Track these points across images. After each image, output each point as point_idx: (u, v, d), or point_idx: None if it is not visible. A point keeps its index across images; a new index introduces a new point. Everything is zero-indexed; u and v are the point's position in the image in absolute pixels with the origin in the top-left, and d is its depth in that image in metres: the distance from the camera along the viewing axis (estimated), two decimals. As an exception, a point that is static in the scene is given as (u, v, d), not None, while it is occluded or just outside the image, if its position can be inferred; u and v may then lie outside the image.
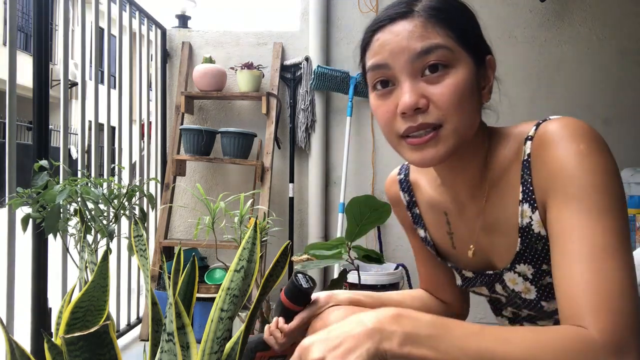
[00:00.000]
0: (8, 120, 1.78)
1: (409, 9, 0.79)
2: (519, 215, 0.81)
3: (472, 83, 0.79)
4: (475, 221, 0.89)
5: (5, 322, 1.59)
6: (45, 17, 1.97)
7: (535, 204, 0.78)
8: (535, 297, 0.85)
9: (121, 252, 2.60)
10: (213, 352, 0.89)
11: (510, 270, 0.86)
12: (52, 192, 1.63)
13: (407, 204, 1.05)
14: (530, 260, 0.82)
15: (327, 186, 3.10)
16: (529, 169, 0.79)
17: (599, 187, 0.69)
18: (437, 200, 0.97)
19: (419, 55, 0.76)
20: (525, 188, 0.79)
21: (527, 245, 0.81)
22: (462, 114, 0.77)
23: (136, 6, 2.76)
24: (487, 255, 0.91)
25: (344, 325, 0.64)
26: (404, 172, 1.06)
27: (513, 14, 3.02)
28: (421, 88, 0.77)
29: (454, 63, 0.77)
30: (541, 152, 0.76)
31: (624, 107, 2.96)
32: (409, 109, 0.76)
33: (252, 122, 3.07)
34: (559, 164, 0.72)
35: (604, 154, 0.71)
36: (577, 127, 0.73)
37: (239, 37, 3.14)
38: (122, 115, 2.61)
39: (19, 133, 11.84)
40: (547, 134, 0.76)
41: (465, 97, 0.77)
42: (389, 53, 0.78)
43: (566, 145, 0.72)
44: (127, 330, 2.69)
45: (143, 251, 0.93)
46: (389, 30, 0.79)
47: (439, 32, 0.77)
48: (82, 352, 0.76)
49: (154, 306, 0.91)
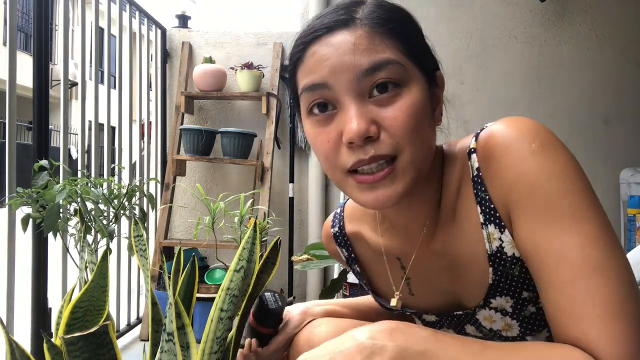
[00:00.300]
0: (8, 120, 1.78)
1: (349, 17, 0.66)
2: (485, 240, 0.69)
3: (427, 103, 0.67)
4: (435, 260, 0.77)
5: (5, 322, 1.59)
6: (45, 17, 1.97)
7: (502, 223, 0.67)
8: (518, 333, 0.73)
9: (121, 252, 2.60)
10: (213, 352, 0.89)
11: (485, 307, 0.73)
12: (52, 192, 1.63)
13: (347, 260, 0.93)
14: (507, 290, 0.70)
15: (327, 186, 3.10)
16: (482, 184, 0.68)
17: (564, 190, 0.61)
18: (386, 246, 0.83)
19: (366, 72, 0.63)
20: (485, 207, 0.68)
21: (502, 274, 0.69)
22: (419, 141, 0.65)
23: (136, 6, 2.76)
24: (453, 295, 0.78)
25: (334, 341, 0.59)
26: (338, 225, 0.92)
27: (513, 14, 3.02)
28: (370, 112, 0.64)
29: (406, 81, 0.65)
30: (491, 163, 0.66)
31: (624, 107, 2.96)
32: (359, 138, 0.63)
33: (252, 122, 3.07)
34: (515, 172, 0.63)
35: (560, 150, 0.63)
36: (521, 126, 0.65)
37: (239, 37, 3.15)
38: (122, 115, 2.61)
39: (19, 133, 11.85)
40: (491, 140, 0.66)
41: (421, 121, 0.65)
42: (329, 70, 0.64)
43: (516, 147, 0.63)
44: (127, 330, 2.69)
45: (143, 251, 0.93)
46: (327, 42, 0.65)
47: (387, 45, 0.65)
48: (82, 352, 0.76)
49: (154, 306, 0.91)
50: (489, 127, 0.68)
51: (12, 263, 1.79)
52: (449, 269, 0.76)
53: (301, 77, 0.69)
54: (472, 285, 0.74)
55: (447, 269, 0.77)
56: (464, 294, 0.77)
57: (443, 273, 0.77)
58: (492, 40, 3.01)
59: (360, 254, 0.91)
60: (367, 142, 0.64)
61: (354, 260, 0.92)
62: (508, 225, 0.67)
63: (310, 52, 0.67)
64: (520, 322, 0.72)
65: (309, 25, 0.69)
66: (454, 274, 0.76)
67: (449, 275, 0.77)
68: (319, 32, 0.67)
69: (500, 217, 0.67)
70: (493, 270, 0.70)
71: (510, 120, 0.66)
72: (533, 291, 0.69)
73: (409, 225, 0.77)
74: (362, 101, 0.64)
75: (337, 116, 0.66)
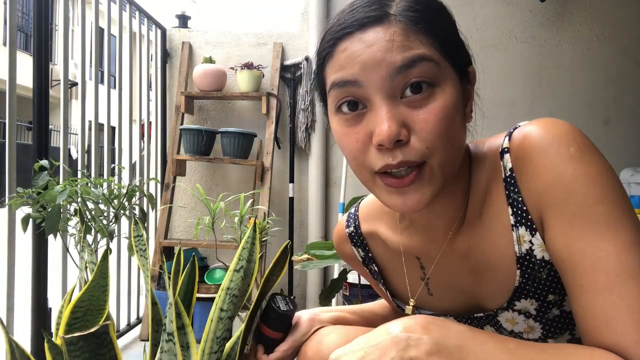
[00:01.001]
0: (8, 120, 1.78)
1: (383, 12, 0.63)
2: (515, 243, 0.68)
3: (459, 103, 0.65)
4: (458, 261, 0.75)
5: (5, 322, 1.59)
6: (45, 17, 1.97)
7: (534, 225, 0.66)
8: (540, 336, 0.72)
9: (121, 252, 2.60)
10: (213, 352, 0.89)
11: (508, 309, 0.72)
12: (52, 192, 1.63)
13: (363, 260, 0.90)
14: (533, 293, 0.69)
15: (327, 186, 3.10)
16: (515, 185, 0.66)
17: (600, 196, 0.60)
18: (405, 245, 0.81)
19: (400, 70, 0.61)
20: (517, 209, 0.67)
21: (529, 277, 0.68)
22: (449, 145, 0.63)
23: (136, 6, 2.76)
24: (474, 297, 0.77)
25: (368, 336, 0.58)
26: (354, 224, 0.90)
27: (513, 14, 3.02)
28: (402, 113, 0.62)
29: (439, 80, 0.63)
30: (526, 164, 0.65)
31: (624, 107, 2.96)
32: (389, 141, 0.61)
33: (252, 122, 3.07)
34: (551, 175, 0.62)
35: (596, 154, 0.63)
36: (558, 128, 0.63)
37: (239, 37, 3.15)
38: (122, 115, 2.61)
39: (19, 133, 11.84)
40: (527, 142, 0.65)
41: (452, 123, 0.63)
42: (360, 67, 0.62)
43: (555, 150, 0.62)
44: (127, 330, 2.69)
45: (143, 251, 0.93)
46: (359, 39, 0.62)
47: (422, 42, 0.62)
48: (82, 352, 0.76)
49: (154, 306, 0.91)
50: (523, 128, 0.67)
51: (12, 263, 1.79)
52: (471, 270, 0.75)
53: (330, 73, 0.66)
54: (496, 287, 0.73)
55: (470, 270, 0.75)
56: (486, 296, 0.75)
57: (465, 273, 0.76)
58: (492, 40, 3.01)
59: (376, 254, 0.89)
60: (397, 146, 0.62)
61: (371, 259, 0.90)
62: (539, 228, 0.66)
63: (341, 47, 0.64)
64: (544, 325, 0.71)
65: (339, 20, 0.66)
66: (476, 275, 0.75)
67: (471, 276, 0.75)
68: (351, 29, 0.64)
69: (532, 220, 0.66)
70: (520, 273, 0.68)
71: (547, 122, 0.65)
72: (559, 294, 0.69)
73: (432, 225, 0.76)
74: (393, 101, 0.62)
75: (366, 116, 0.64)
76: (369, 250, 0.89)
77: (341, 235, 0.93)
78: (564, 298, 0.69)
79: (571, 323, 0.71)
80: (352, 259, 0.93)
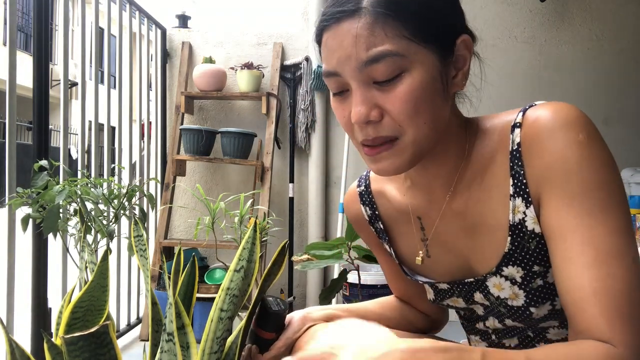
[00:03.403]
0: (8, 120, 1.78)
1: (355, 7, 0.68)
2: (510, 211, 0.73)
3: (433, 81, 0.69)
4: (455, 221, 0.81)
5: (5, 322, 1.59)
6: (45, 17, 1.97)
7: (530, 198, 0.71)
8: (523, 303, 0.76)
9: (121, 252, 2.60)
10: (213, 352, 0.89)
11: (496, 274, 0.77)
12: (51, 193, 1.63)
13: (369, 219, 0.95)
14: (520, 261, 0.74)
15: (327, 186, 3.10)
16: (519, 159, 0.71)
17: (601, 182, 0.65)
18: (408, 204, 0.87)
19: (366, 64, 0.67)
20: (517, 181, 0.72)
21: (518, 245, 0.73)
22: (421, 122, 0.69)
23: (136, 6, 2.76)
24: (467, 259, 0.82)
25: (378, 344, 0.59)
26: (364, 184, 0.96)
27: (513, 14, 3.02)
28: (374, 97, 0.69)
29: (407, 66, 0.67)
30: (535, 142, 0.69)
31: (624, 107, 2.97)
32: (360, 122, 0.70)
33: (252, 122, 3.07)
34: (558, 156, 0.66)
35: (602, 144, 0.67)
36: (572, 114, 0.68)
37: (239, 37, 3.15)
38: (122, 115, 2.62)
39: (19, 133, 11.85)
40: (540, 121, 0.69)
41: (424, 102, 0.68)
42: (337, 61, 0.70)
43: (564, 134, 0.66)
44: (127, 330, 2.69)
45: (143, 251, 0.93)
46: (334, 33, 0.70)
47: (387, 34, 0.66)
48: (82, 352, 0.76)
49: (154, 306, 0.91)
50: (538, 108, 0.71)
51: (12, 263, 1.79)
52: (467, 231, 0.80)
53: (321, 60, 0.75)
54: (487, 251, 0.78)
55: (466, 231, 0.80)
56: (478, 259, 0.80)
57: (461, 234, 0.81)
58: (492, 40, 3.01)
59: (383, 213, 0.94)
60: (370, 124, 0.70)
61: (378, 217, 0.94)
62: (535, 203, 0.71)
63: (324, 39, 0.72)
64: (527, 293, 0.76)
65: (324, 10, 0.73)
66: (471, 237, 0.80)
67: (466, 238, 0.80)
68: (328, 22, 0.71)
69: (529, 194, 0.71)
70: (511, 240, 0.74)
71: (562, 106, 0.69)
72: (544, 266, 0.73)
73: (430, 185, 0.82)
74: (366, 87, 0.69)
75: (350, 97, 0.72)
76: (376, 208, 0.94)
77: (352, 195, 0.98)
78: (548, 270, 0.73)
79: (552, 294, 0.75)
80: (359, 219, 0.97)
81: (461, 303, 0.87)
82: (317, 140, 3.04)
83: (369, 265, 2.46)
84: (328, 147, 3.10)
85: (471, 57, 0.75)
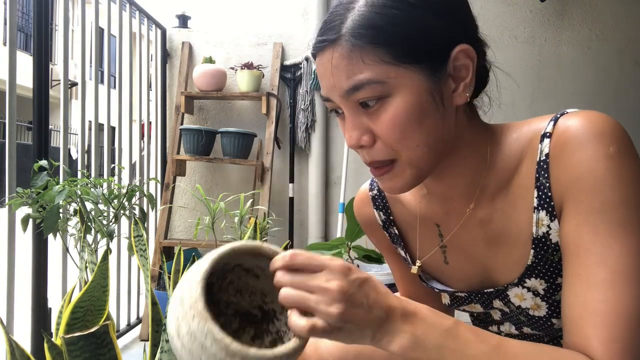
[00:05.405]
0: (8, 120, 1.78)
1: (336, 35, 0.67)
2: (534, 224, 0.70)
3: (421, 101, 0.66)
4: (477, 231, 0.78)
5: (5, 322, 1.59)
6: (45, 17, 1.97)
7: (555, 212, 0.68)
8: (545, 314, 0.74)
9: (121, 252, 2.60)
10: (213, 352, 0.89)
11: (518, 285, 0.75)
12: (51, 193, 1.63)
13: (383, 224, 0.92)
14: (543, 274, 0.72)
15: (327, 186, 3.10)
16: (546, 171, 0.68)
17: (626, 200, 0.62)
18: (424, 211, 0.84)
19: (348, 93, 0.67)
20: (542, 193, 0.69)
21: (542, 258, 0.71)
22: (412, 145, 0.67)
23: (136, 6, 2.76)
24: (487, 269, 0.80)
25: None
26: (377, 188, 0.93)
27: (513, 14, 3.02)
28: (364, 122, 0.68)
29: (389, 91, 0.66)
30: (563, 154, 0.66)
31: (624, 107, 2.96)
32: (353, 147, 0.70)
33: (252, 122, 3.07)
34: (584, 169, 0.63)
35: (633, 158, 0.63)
36: (604, 125, 0.64)
37: (239, 37, 3.15)
38: (122, 115, 2.62)
39: (19, 133, 11.85)
40: (569, 132, 0.66)
41: (411, 125, 0.66)
42: (325, 88, 0.70)
43: (594, 147, 0.63)
44: (127, 330, 2.69)
45: (143, 251, 0.93)
46: (320, 61, 0.69)
47: (365, 61, 0.65)
48: (82, 352, 0.76)
49: (154, 306, 0.91)
50: (570, 115, 0.67)
51: (12, 263, 1.79)
52: (488, 242, 0.77)
53: None
54: (509, 262, 0.75)
55: (487, 241, 0.77)
56: (499, 269, 0.78)
57: (482, 244, 0.78)
58: (492, 41, 3.00)
59: (397, 218, 0.91)
60: (364, 149, 0.70)
61: (392, 222, 0.91)
62: (559, 216, 0.68)
63: (316, 64, 0.72)
64: (549, 305, 0.74)
65: (316, 32, 0.71)
66: (493, 247, 0.77)
67: (487, 247, 0.78)
68: (315, 51, 0.70)
69: (554, 207, 0.68)
70: (534, 253, 0.71)
71: (595, 117, 0.65)
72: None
73: (447, 195, 0.79)
74: (356, 112, 0.69)
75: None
76: (391, 213, 0.91)
77: (363, 198, 0.95)
78: None
79: None
80: (371, 223, 0.94)
81: (479, 309, 0.85)
82: (317, 140, 3.04)
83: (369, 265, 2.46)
84: (328, 147, 3.10)
85: (474, 66, 0.71)
